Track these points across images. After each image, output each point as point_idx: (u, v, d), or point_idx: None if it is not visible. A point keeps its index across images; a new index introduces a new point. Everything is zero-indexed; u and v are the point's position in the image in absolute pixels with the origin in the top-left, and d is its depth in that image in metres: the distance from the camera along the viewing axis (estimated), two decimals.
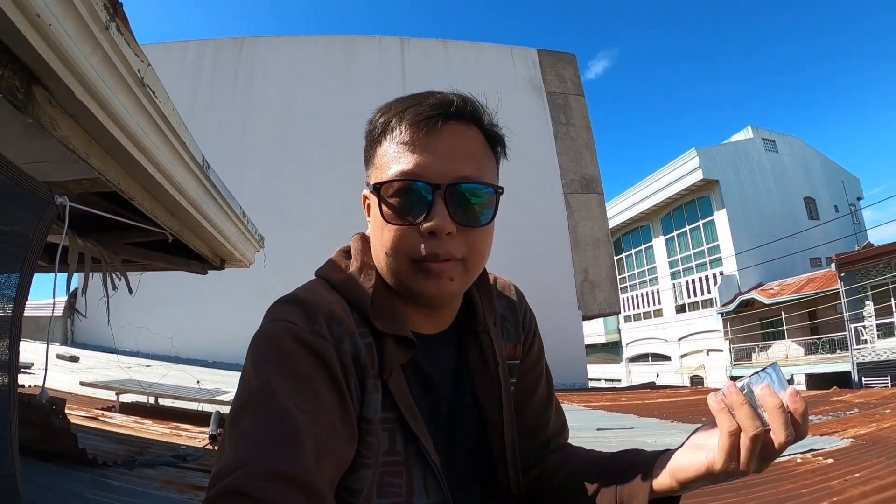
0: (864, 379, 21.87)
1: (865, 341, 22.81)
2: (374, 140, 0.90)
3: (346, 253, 0.99)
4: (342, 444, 0.75)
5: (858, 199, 36.96)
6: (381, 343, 0.86)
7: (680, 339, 33.53)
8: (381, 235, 0.86)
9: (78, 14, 1.51)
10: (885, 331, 22.37)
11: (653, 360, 35.78)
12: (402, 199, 0.83)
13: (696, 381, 31.11)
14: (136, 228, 3.14)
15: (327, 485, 0.70)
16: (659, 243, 36.42)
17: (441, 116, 0.85)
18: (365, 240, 0.99)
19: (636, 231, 38.62)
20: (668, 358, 34.58)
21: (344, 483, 0.79)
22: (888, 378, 21.02)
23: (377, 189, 0.85)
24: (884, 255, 21.84)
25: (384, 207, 0.84)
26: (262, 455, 0.67)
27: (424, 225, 0.82)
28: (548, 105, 21.80)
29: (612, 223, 30.32)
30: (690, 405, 12.00)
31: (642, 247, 38.15)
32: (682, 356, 33.39)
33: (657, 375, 33.00)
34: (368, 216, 0.96)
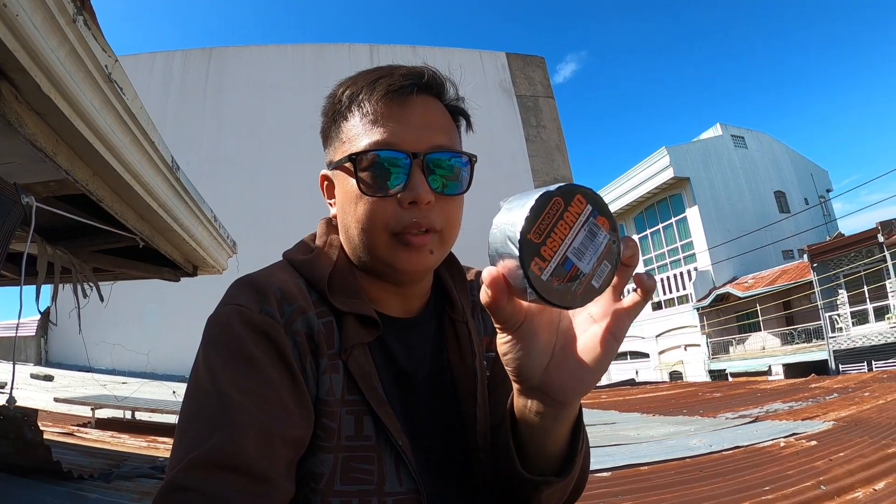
0: (840, 366, 22.26)
1: (840, 329, 23.25)
2: (337, 115, 0.88)
3: (313, 236, 0.98)
4: (295, 425, 0.73)
5: (828, 191, 37.68)
6: (342, 321, 0.84)
7: (657, 336, 33.79)
8: (355, 210, 0.83)
9: (45, 6, 1.49)
10: (859, 318, 22.84)
11: (631, 358, 35.98)
12: (379, 171, 0.80)
13: (676, 376, 31.37)
14: (107, 233, 3.09)
15: (279, 467, 0.69)
16: None
17: (413, 87, 0.83)
18: (329, 223, 0.97)
19: None
20: (646, 355, 34.81)
21: (305, 466, 0.77)
22: (864, 364, 21.44)
23: (353, 160, 0.81)
24: (855, 244, 22.33)
25: (359, 181, 0.81)
26: (202, 444, 0.65)
27: (404, 195, 0.80)
28: (518, 108, 21.94)
29: None
30: (671, 399, 12.13)
31: None
32: (661, 353, 33.66)
33: (636, 373, 33.25)
34: (329, 198, 0.94)
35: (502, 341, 0.67)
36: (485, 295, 0.62)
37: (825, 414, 7.12)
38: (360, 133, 0.83)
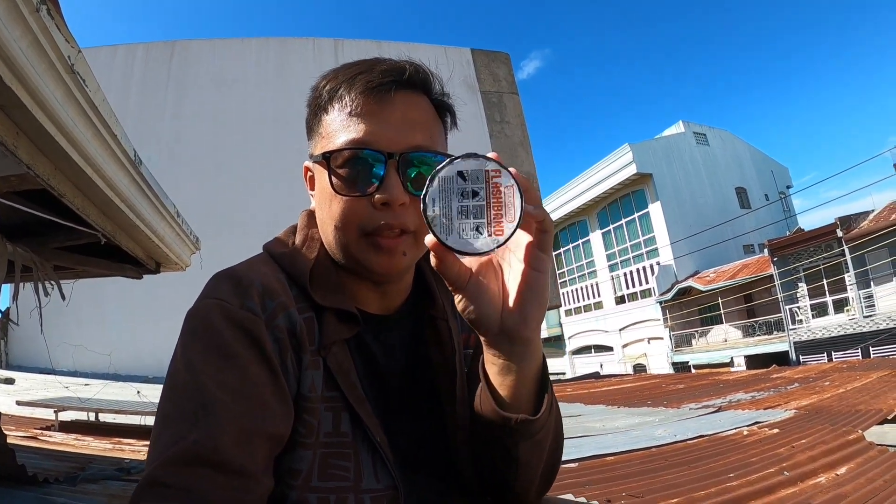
0: (801, 357, 22.91)
1: (801, 321, 23.93)
2: (319, 108, 0.87)
3: (294, 228, 0.96)
4: (275, 422, 0.72)
5: (788, 187, 38.61)
6: (322, 318, 0.84)
7: (621, 330, 34.27)
8: (330, 207, 0.83)
9: None
10: (818, 310, 23.51)
11: (595, 352, 36.45)
12: (353, 169, 0.80)
13: (639, 369, 31.81)
14: (68, 230, 3.03)
15: (258, 463, 0.68)
16: (596, 237, 37.16)
17: (394, 84, 0.82)
18: (311, 215, 0.96)
19: (573, 226, 39.30)
20: (610, 349, 35.31)
21: (283, 463, 0.76)
22: (824, 355, 22.10)
23: (326, 158, 0.81)
24: (814, 238, 22.99)
25: (333, 178, 0.81)
26: (181, 440, 0.65)
27: (377, 196, 0.79)
28: (482, 104, 21.90)
29: None
30: (635, 391, 12.28)
31: (580, 241, 38.87)
32: (624, 346, 34.14)
33: (601, 366, 33.68)
34: (311, 189, 0.93)
35: (458, 300, 0.75)
36: (433, 258, 0.71)
37: (787, 403, 7.28)
38: (337, 129, 0.83)
